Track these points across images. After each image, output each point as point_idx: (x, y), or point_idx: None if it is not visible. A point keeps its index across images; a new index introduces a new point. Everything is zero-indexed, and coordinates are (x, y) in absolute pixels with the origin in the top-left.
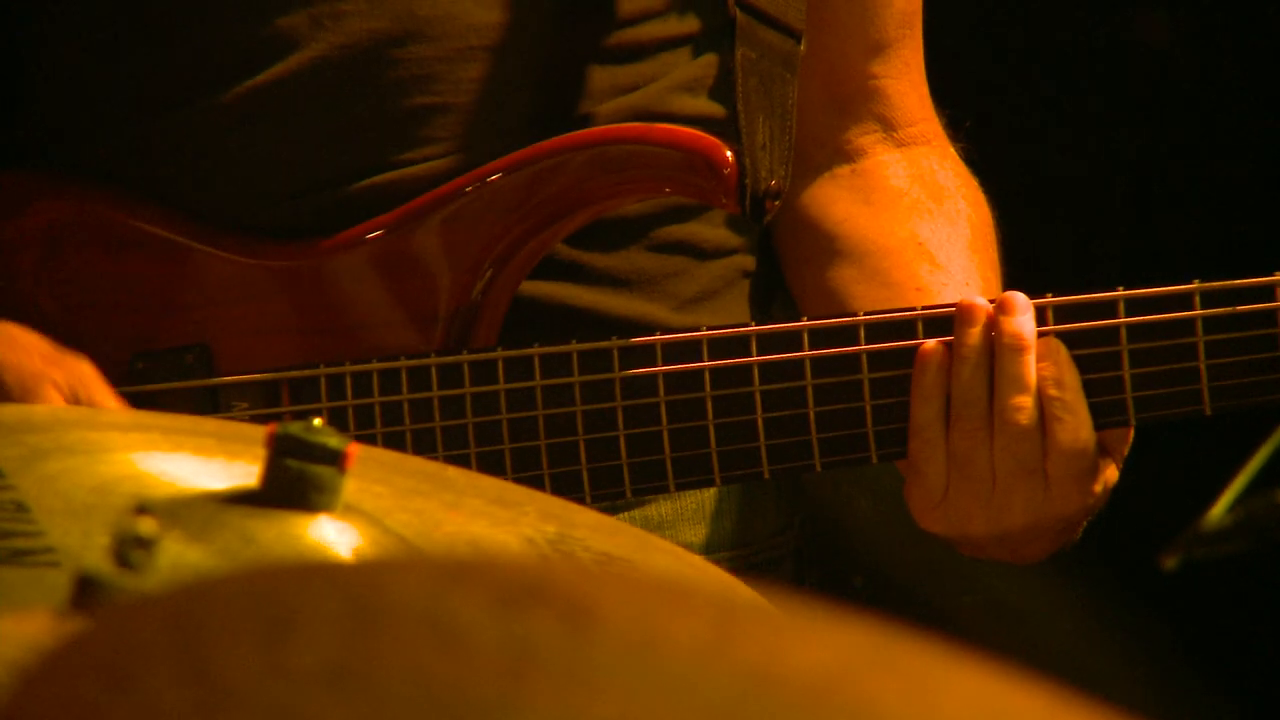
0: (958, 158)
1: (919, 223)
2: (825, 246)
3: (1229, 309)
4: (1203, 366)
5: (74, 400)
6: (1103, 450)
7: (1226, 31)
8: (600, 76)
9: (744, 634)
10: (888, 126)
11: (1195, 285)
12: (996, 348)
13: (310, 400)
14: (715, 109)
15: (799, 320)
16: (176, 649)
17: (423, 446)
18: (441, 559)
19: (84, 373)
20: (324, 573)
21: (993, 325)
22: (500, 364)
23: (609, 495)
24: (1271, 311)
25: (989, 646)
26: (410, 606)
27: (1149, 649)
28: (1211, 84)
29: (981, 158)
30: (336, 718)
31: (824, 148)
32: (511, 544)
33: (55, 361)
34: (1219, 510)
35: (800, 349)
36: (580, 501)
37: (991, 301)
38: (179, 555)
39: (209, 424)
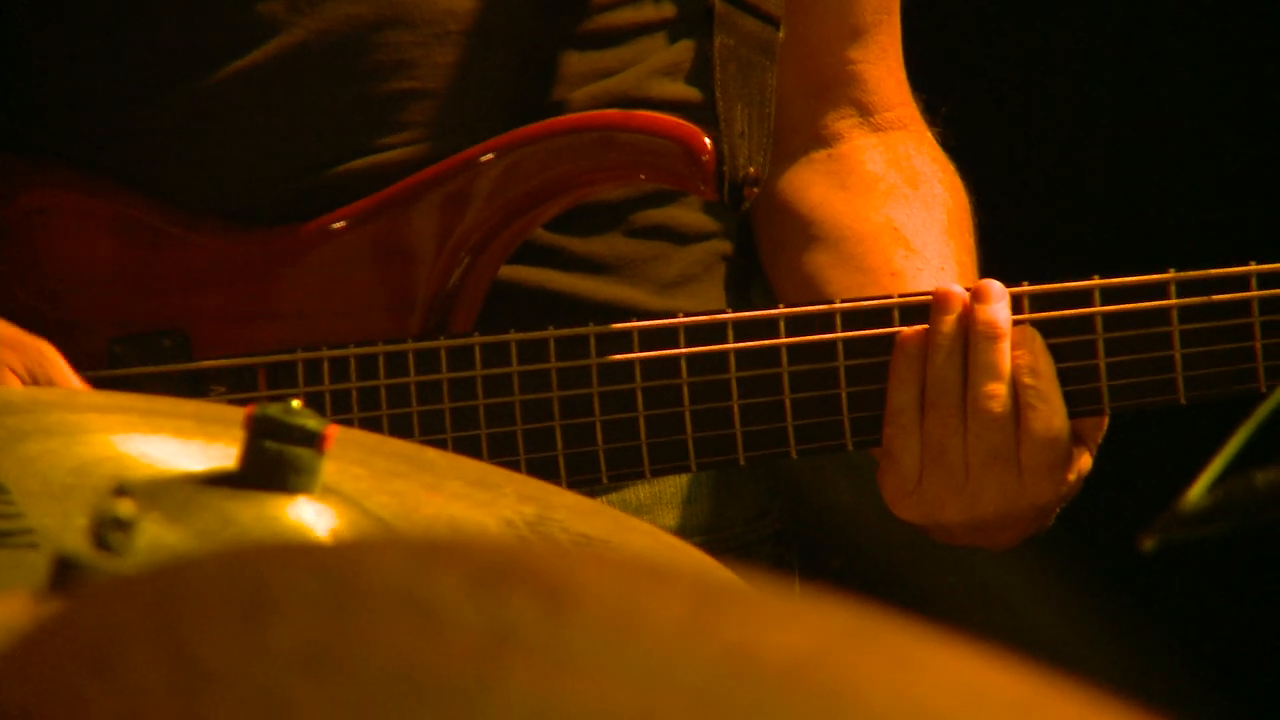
0: (935, 143)
1: (895, 208)
2: (801, 231)
3: (1204, 298)
4: (1178, 356)
5: (33, 384)
6: (1077, 439)
7: (1206, 22)
8: (577, 61)
9: (722, 615)
10: (865, 111)
11: (1171, 275)
12: (971, 335)
13: (287, 385)
14: (692, 94)
15: (777, 306)
16: (156, 631)
17: (399, 431)
18: (419, 539)
19: (43, 355)
20: (302, 553)
21: (968, 313)
22: (477, 349)
23: (585, 480)
24: (1246, 301)
25: (968, 628)
26: (388, 587)
27: (1128, 631)
28: (1188, 74)
29: (958, 143)
30: (315, 700)
31: (801, 133)
32: (490, 526)
33: (11, 345)
34: (1197, 492)
35: (776, 336)
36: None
37: (968, 289)
38: (157, 537)
39: (188, 406)
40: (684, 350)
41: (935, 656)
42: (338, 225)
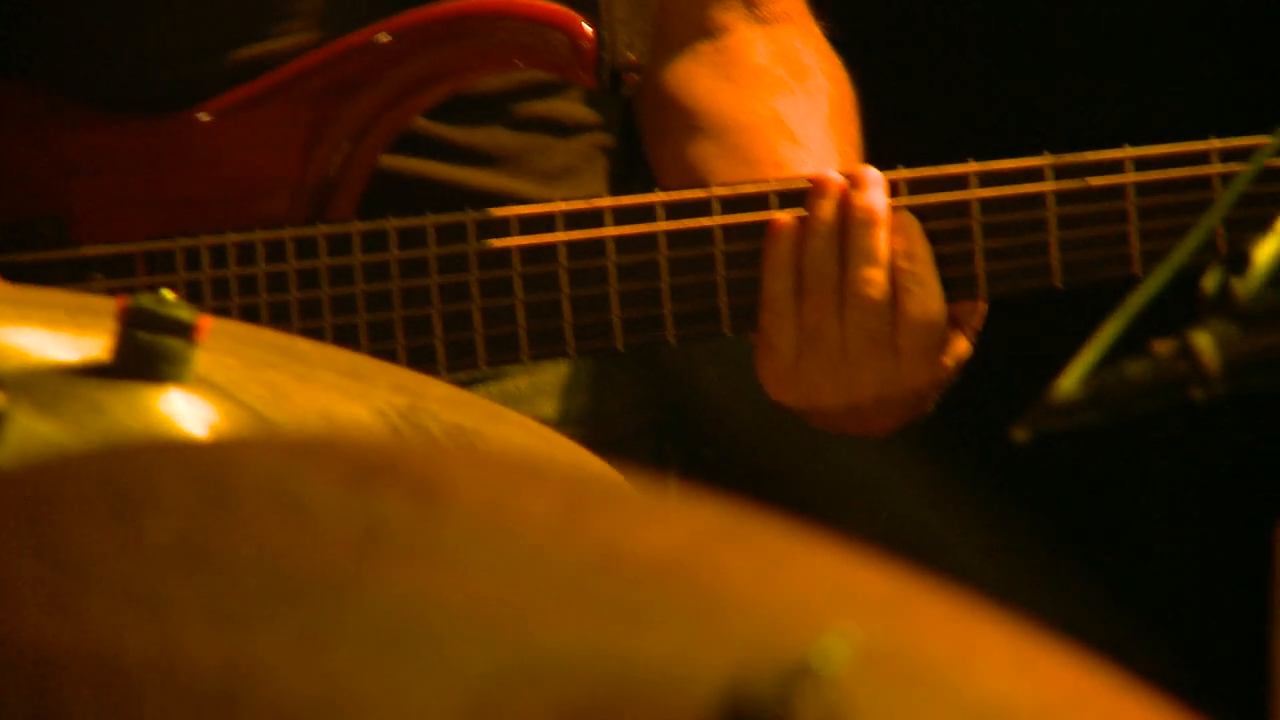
0: (820, 36)
1: (780, 100)
2: (686, 122)
3: (1080, 183)
4: (1054, 240)
5: None
6: (953, 323)
7: None
8: None
9: (595, 511)
10: (750, 3)
11: (1047, 159)
12: (848, 221)
13: (166, 272)
14: None
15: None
16: (28, 527)
17: (278, 318)
18: (293, 436)
19: None
20: (176, 451)
21: (845, 199)
22: (356, 236)
23: (463, 366)
24: (1121, 186)
25: (837, 517)
26: (261, 484)
27: (1001, 523)
28: None
29: (843, 36)
30: (187, 595)
31: (687, 24)
32: (362, 416)
33: None
34: (1067, 382)
35: (654, 222)
36: (435, 373)
37: (845, 175)
38: (29, 428)
39: (59, 296)
40: (562, 236)
41: (806, 555)
42: (218, 113)
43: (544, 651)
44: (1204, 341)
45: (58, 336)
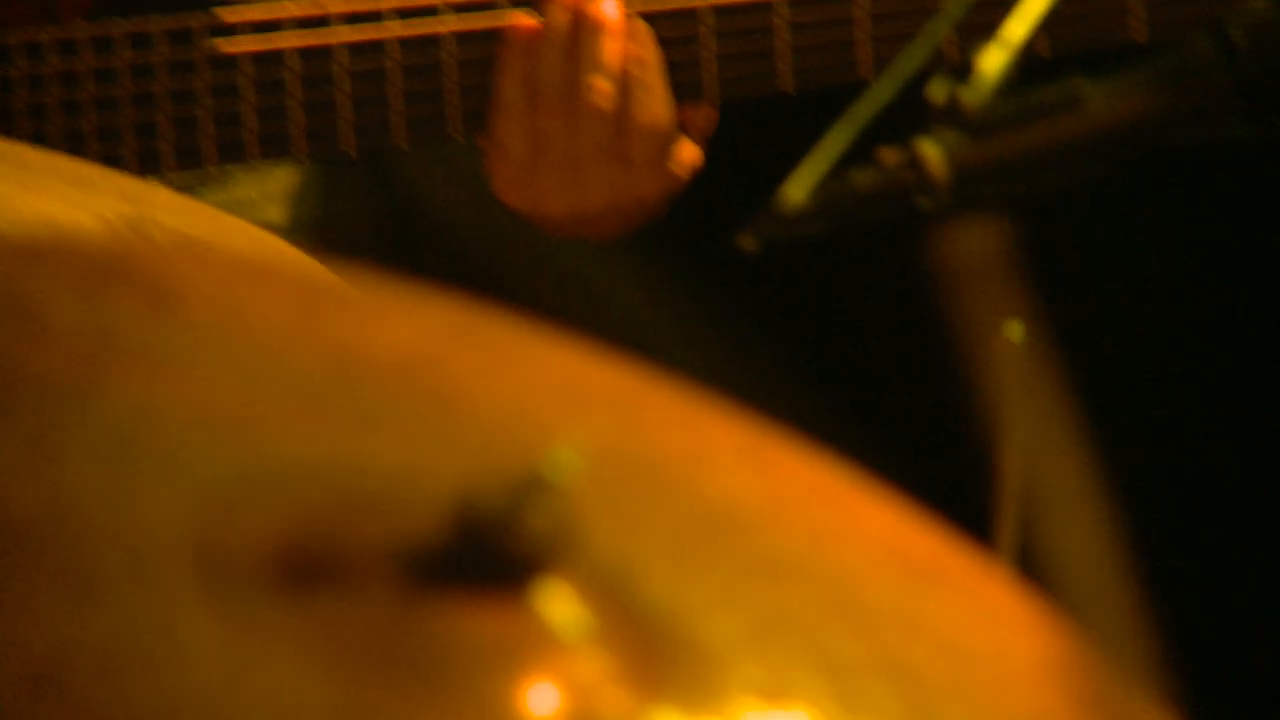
0: None
1: None
2: None
3: None
4: (785, 45)
5: None
6: (684, 131)
7: None
8: None
9: (328, 314)
10: None
11: None
12: (580, 29)
13: None
14: None
15: None
16: None
17: (3, 122)
18: (20, 239)
19: None
20: None
21: (578, 5)
22: (84, 41)
23: (189, 166)
24: None
25: (564, 324)
26: None
27: (728, 329)
28: None
29: None
30: None
31: None
32: (88, 224)
33: None
34: (793, 190)
35: (383, 23)
36: (161, 176)
37: None
38: None
39: None
40: (293, 41)
41: (539, 352)
42: None
43: (275, 459)
44: (931, 151)
45: None
